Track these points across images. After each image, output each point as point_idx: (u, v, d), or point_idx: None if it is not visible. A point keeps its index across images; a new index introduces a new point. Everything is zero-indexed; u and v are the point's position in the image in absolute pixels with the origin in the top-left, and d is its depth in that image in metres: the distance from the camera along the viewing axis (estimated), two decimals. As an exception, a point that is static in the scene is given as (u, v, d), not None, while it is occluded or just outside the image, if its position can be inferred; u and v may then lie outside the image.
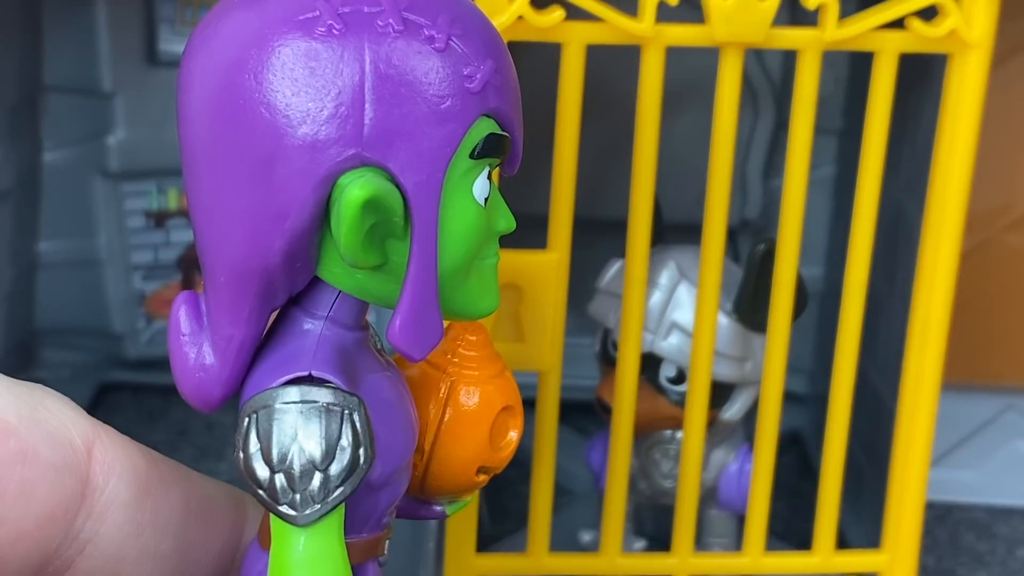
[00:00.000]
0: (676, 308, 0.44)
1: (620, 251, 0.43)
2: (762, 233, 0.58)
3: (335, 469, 0.28)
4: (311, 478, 0.28)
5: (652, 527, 0.50)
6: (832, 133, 0.57)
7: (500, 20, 0.38)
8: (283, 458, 0.27)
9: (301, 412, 0.28)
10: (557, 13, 0.39)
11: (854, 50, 0.40)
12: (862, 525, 0.51)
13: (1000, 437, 0.58)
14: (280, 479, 0.27)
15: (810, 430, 0.60)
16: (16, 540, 0.27)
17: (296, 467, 0.27)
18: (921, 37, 0.40)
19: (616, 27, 0.39)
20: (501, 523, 0.54)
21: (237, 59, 0.27)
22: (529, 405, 0.46)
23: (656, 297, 0.44)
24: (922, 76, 0.46)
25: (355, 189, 0.27)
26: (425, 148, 0.28)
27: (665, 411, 0.45)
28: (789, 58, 0.55)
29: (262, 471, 0.27)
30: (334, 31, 0.27)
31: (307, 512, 0.28)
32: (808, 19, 0.41)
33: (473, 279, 0.29)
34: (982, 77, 0.40)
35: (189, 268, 0.62)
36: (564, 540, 0.49)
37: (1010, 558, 0.55)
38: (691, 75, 0.48)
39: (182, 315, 0.29)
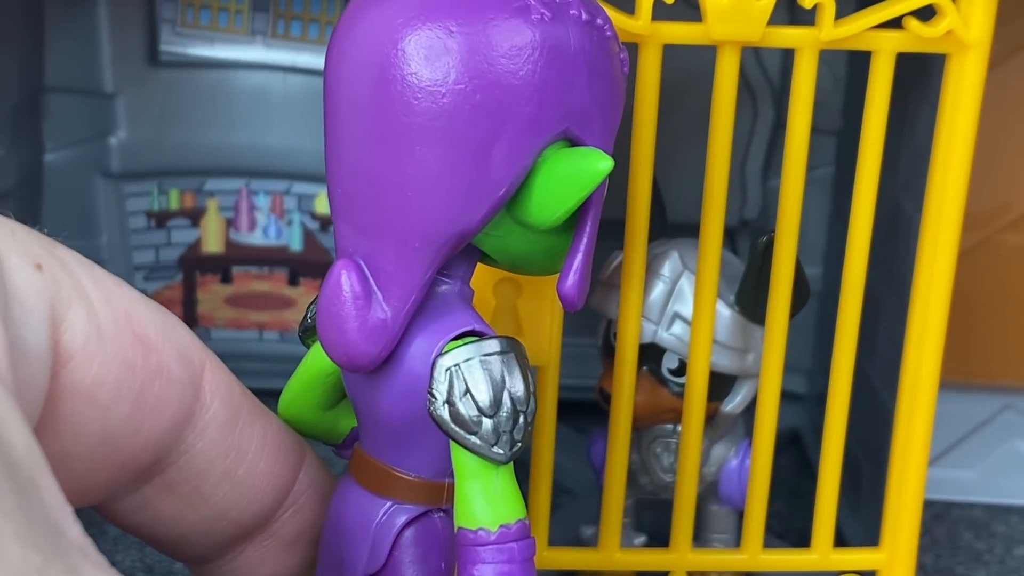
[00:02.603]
0: (679, 300, 0.44)
1: (620, 248, 0.43)
2: (761, 233, 0.58)
3: (530, 409, 0.31)
4: (517, 420, 0.31)
5: (652, 523, 0.50)
6: (831, 133, 0.57)
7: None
8: (496, 403, 0.30)
9: (503, 361, 0.31)
10: (556, 12, 0.39)
11: (851, 49, 0.40)
12: (860, 523, 0.52)
13: (998, 436, 0.58)
14: (492, 423, 0.30)
15: (809, 429, 0.60)
16: (143, 449, 0.29)
17: (506, 411, 0.30)
18: (918, 37, 0.40)
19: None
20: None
21: (452, 46, 0.29)
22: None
23: (659, 288, 0.45)
24: (920, 76, 0.46)
25: (602, 161, 0.30)
26: (610, 124, 0.31)
27: (666, 403, 0.45)
28: (788, 58, 0.55)
29: (475, 417, 0.30)
30: (545, 18, 0.30)
31: (513, 451, 0.31)
32: (806, 18, 0.41)
33: None
34: (980, 77, 0.40)
35: (191, 268, 0.62)
36: (566, 539, 0.49)
37: (1008, 557, 0.55)
38: (690, 73, 0.49)
39: (350, 280, 0.31)
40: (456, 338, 0.31)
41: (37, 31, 0.58)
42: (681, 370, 0.45)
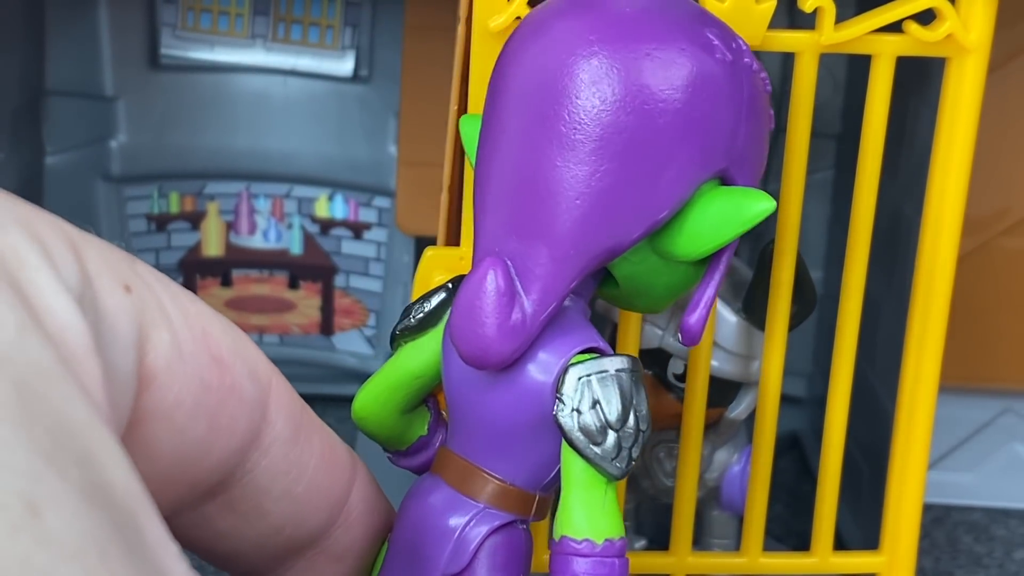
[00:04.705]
0: None
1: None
2: (761, 237, 0.58)
3: (647, 429, 0.32)
4: (638, 438, 0.31)
5: (652, 527, 0.50)
6: (831, 137, 0.57)
7: (498, 21, 0.38)
8: (623, 418, 0.31)
9: (632, 379, 0.31)
10: (557, 16, 0.39)
11: (851, 53, 0.40)
12: (860, 527, 0.52)
13: (998, 439, 0.58)
14: (616, 437, 0.31)
15: (809, 432, 0.60)
16: (213, 469, 0.28)
17: (630, 427, 0.31)
18: (918, 41, 0.40)
19: (615, 30, 0.39)
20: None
21: (646, 67, 0.30)
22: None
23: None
24: (920, 80, 0.46)
25: (764, 201, 0.31)
26: (757, 171, 0.32)
27: (670, 408, 0.45)
28: (787, 62, 0.55)
29: (601, 429, 0.31)
30: (727, 59, 0.31)
31: (628, 468, 0.31)
32: (806, 22, 0.41)
33: None
34: (979, 81, 0.40)
35: (191, 271, 0.63)
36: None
37: (1008, 560, 0.55)
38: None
39: (496, 278, 0.31)
40: (581, 352, 0.32)
41: (38, 34, 0.58)
42: (687, 376, 0.45)
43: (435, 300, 0.34)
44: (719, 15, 0.39)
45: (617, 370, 0.31)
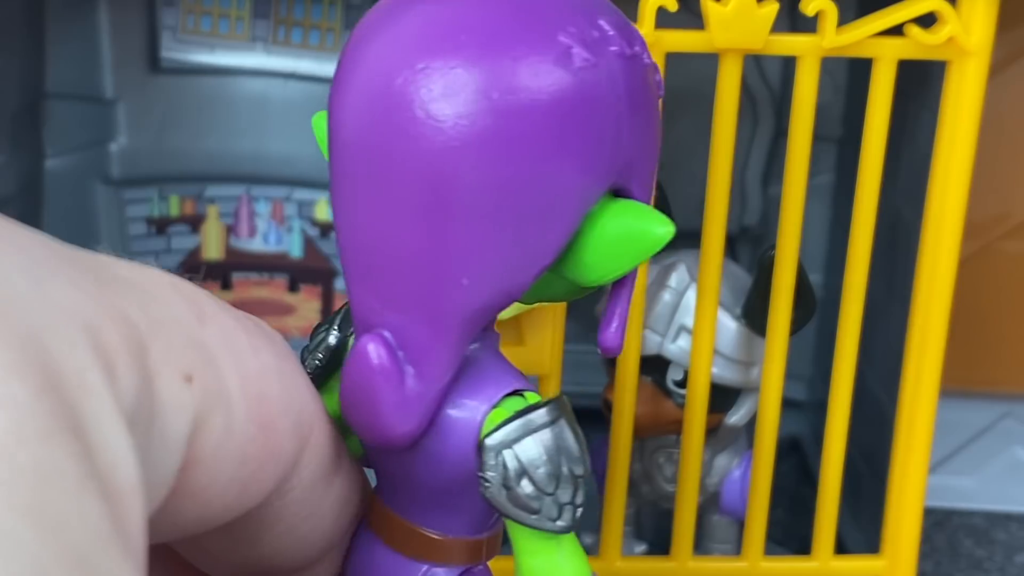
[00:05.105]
0: (685, 312, 0.44)
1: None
2: (761, 240, 0.58)
3: (583, 472, 0.28)
4: (575, 488, 0.28)
5: (653, 532, 0.50)
6: (832, 141, 0.57)
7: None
8: (555, 479, 0.28)
9: (554, 432, 0.28)
10: (558, 20, 0.39)
11: (853, 56, 0.40)
12: (861, 531, 0.52)
13: (998, 443, 0.58)
14: (552, 499, 0.28)
15: (809, 436, 0.60)
16: (228, 516, 0.27)
17: (566, 485, 0.28)
18: (919, 44, 0.40)
19: (616, 34, 0.39)
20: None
21: (496, 106, 0.25)
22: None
23: (666, 299, 0.45)
24: (921, 83, 0.46)
25: (660, 226, 0.27)
26: (652, 159, 0.28)
27: (670, 414, 0.45)
28: (788, 66, 0.55)
29: (535, 498, 0.28)
30: (588, 62, 0.26)
31: (575, 517, 0.28)
32: (808, 26, 0.41)
33: None
34: (980, 84, 0.40)
35: (190, 275, 0.62)
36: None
37: (1008, 564, 0.55)
38: (691, 82, 0.49)
39: (383, 356, 0.27)
40: (497, 403, 0.28)
41: (38, 37, 0.58)
42: (686, 382, 0.45)
43: (322, 350, 0.31)
44: (721, 20, 0.39)
45: (534, 430, 0.28)
